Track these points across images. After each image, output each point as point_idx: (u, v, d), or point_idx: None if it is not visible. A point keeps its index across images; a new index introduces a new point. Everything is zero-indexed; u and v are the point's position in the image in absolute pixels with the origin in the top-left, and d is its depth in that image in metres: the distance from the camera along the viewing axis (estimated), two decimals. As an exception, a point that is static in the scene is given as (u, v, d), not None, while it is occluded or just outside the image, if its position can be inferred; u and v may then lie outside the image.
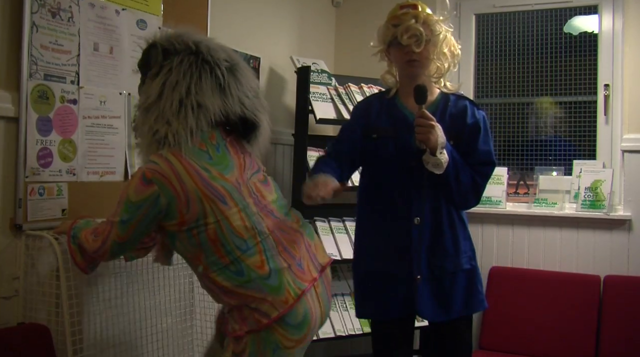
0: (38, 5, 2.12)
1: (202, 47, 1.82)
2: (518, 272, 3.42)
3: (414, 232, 2.15)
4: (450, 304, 2.17)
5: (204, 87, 1.77)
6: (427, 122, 2.04)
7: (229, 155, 1.85)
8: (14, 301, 2.11)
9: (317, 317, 1.84)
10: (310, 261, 1.87)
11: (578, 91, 3.57)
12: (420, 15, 2.14)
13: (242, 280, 1.74)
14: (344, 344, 3.63)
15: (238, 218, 1.77)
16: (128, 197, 1.75)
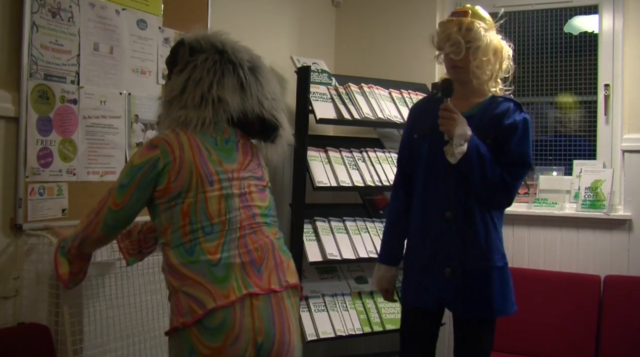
0: (38, 5, 2.12)
1: (227, 47, 1.88)
2: (518, 272, 3.41)
3: (446, 226, 2.21)
4: (484, 302, 2.18)
5: (225, 85, 1.83)
6: (449, 114, 2.13)
7: (235, 152, 1.88)
8: (14, 301, 2.11)
9: (244, 334, 1.69)
10: (274, 274, 1.80)
11: (578, 91, 3.57)
12: (464, 22, 2.20)
13: (190, 259, 1.72)
14: (344, 344, 3.63)
15: (216, 202, 1.78)
16: (131, 162, 1.80)
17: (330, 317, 3.16)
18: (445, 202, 2.21)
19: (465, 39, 2.18)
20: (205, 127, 1.81)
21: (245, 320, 1.70)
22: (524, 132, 2.20)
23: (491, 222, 2.21)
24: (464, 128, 2.12)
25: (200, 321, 1.67)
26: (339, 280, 3.35)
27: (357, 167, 3.32)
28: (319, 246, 3.16)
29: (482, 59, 2.19)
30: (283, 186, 3.50)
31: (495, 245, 2.21)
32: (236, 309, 1.69)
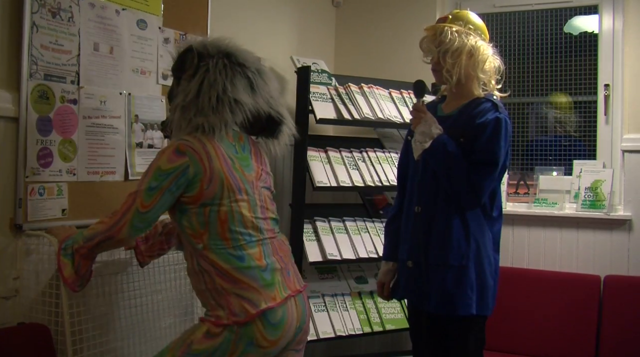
0: (38, 5, 2.12)
1: (234, 51, 1.95)
2: (518, 272, 3.42)
3: (414, 220, 2.29)
4: (429, 295, 2.22)
5: (237, 86, 1.90)
6: (417, 113, 2.26)
7: (251, 160, 2.00)
8: (14, 301, 2.11)
9: (293, 325, 1.90)
10: (295, 277, 2.00)
11: (578, 91, 3.57)
12: (438, 28, 2.29)
13: (242, 265, 1.83)
14: (344, 344, 3.63)
15: (247, 210, 1.89)
16: (159, 166, 1.83)
17: (330, 317, 3.16)
18: (416, 197, 2.29)
19: (437, 43, 2.28)
20: (227, 130, 1.89)
21: (293, 309, 1.91)
22: (495, 131, 2.18)
23: (459, 220, 2.20)
24: (428, 126, 2.21)
25: (264, 316, 1.81)
26: (339, 280, 3.36)
27: (357, 167, 3.32)
28: (319, 246, 3.16)
29: (450, 62, 2.25)
30: (283, 186, 3.50)
31: (455, 244, 2.19)
32: (288, 305, 1.89)
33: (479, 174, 2.18)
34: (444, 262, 2.20)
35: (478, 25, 2.32)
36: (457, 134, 2.21)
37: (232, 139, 1.95)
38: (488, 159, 2.18)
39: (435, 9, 3.74)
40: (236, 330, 1.79)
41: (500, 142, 2.18)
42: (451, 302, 2.19)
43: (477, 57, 2.27)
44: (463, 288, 2.19)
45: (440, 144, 2.19)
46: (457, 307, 2.19)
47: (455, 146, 2.18)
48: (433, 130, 2.20)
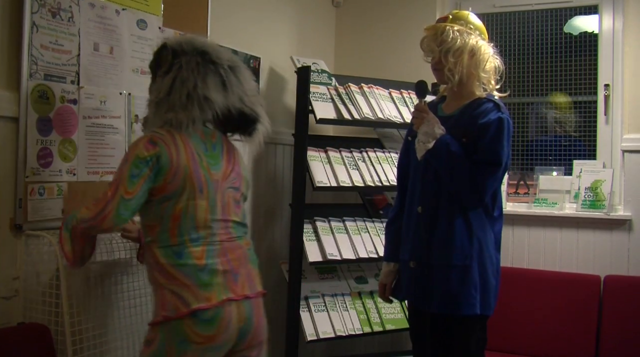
0: (38, 5, 2.12)
1: (208, 49, 1.97)
2: (518, 272, 3.42)
3: (416, 220, 2.28)
4: (432, 296, 2.22)
5: (209, 83, 1.92)
6: (419, 113, 2.26)
7: (222, 159, 2.00)
8: (14, 301, 2.11)
9: (233, 324, 1.88)
10: (247, 282, 1.96)
11: (578, 91, 3.57)
12: (439, 28, 2.29)
13: (179, 262, 1.85)
14: (344, 344, 3.63)
15: (203, 211, 1.90)
16: (137, 155, 1.85)
17: (330, 317, 3.16)
18: (418, 197, 2.29)
19: (439, 43, 2.27)
20: (195, 126, 1.90)
21: (233, 311, 1.88)
22: (497, 131, 2.19)
23: (462, 221, 2.21)
24: (431, 126, 2.21)
25: (194, 314, 1.81)
26: (339, 280, 3.36)
27: (357, 167, 3.32)
28: (319, 246, 3.16)
29: (452, 61, 2.25)
30: (283, 186, 3.50)
31: (457, 243, 2.20)
32: (226, 307, 1.86)
33: (482, 173, 2.18)
34: (447, 262, 2.20)
35: (478, 26, 2.33)
36: (459, 134, 2.22)
37: (203, 136, 1.96)
38: (491, 159, 2.19)
39: (435, 8, 3.74)
40: (166, 329, 1.81)
41: (503, 142, 2.19)
42: (455, 302, 2.19)
43: (478, 57, 2.28)
44: (467, 288, 2.19)
45: (443, 144, 2.19)
46: (461, 307, 2.19)
47: (458, 146, 2.19)
48: (436, 131, 2.21)
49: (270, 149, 3.42)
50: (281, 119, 3.51)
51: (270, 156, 3.43)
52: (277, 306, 3.43)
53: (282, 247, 3.49)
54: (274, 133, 3.41)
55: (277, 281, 3.42)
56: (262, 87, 3.36)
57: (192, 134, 1.92)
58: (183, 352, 1.81)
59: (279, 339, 3.38)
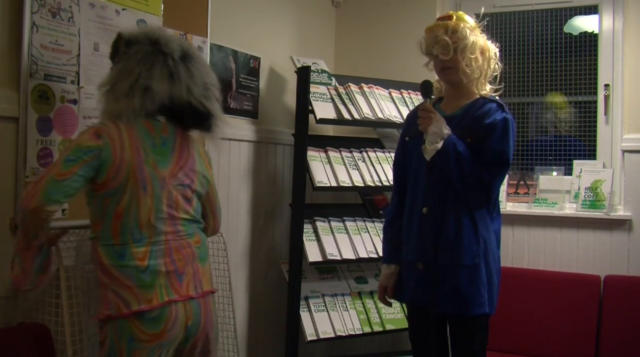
0: (38, 5, 2.12)
1: (160, 39, 1.94)
2: (518, 272, 3.42)
3: (423, 221, 2.26)
4: (442, 297, 2.21)
5: (154, 74, 1.89)
6: (426, 114, 2.23)
7: (171, 155, 1.96)
8: (14, 301, 2.11)
9: (179, 322, 1.89)
10: (192, 282, 1.95)
11: (578, 91, 3.57)
12: (450, 25, 2.27)
13: (121, 263, 1.83)
14: (344, 344, 3.63)
15: (147, 210, 1.87)
16: (79, 143, 1.82)
17: (330, 317, 3.16)
18: (423, 198, 2.27)
19: (452, 39, 2.25)
20: (137, 117, 1.87)
21: (180, 309, 1.89)
22: (503, 131, 2.21)
23: (468, 220, 2.22)
24: (439, 126, 2.19)
25: (139, 314, 1.82)
26: (339, 280, 3.36)
27: (357, 167, 3.32)
28: (319, 246, 3.16)
29: (470, 57, 2.25)
30: (283, 186, 3.50)
31: (466, 243, 2.20)
32: (171, 308, 1.87)
33: (490, 173, 2.20)
34: (456, 262, 2.20)
35: (476, 26, 2.35)
36: (463, 135, 2.22)
37: (152, 131, 1.93)
38: (499, 159, 2.21)
39: (435, 8, 3.74)
40: (113, 328, 1.83)
41: (509, 141, 2.22)
42: (465, 302, 2.20)
43: (488, 55, 2.30)
44: (476, 287, 2.21)
45: (451, 144, 2.19)
46: (472, 306, 2.20)
47: (464, 146, 2.20)
48: (444, 131, 2.20)
49: (270, 149, 3.43)
50: (281, 119, 3.51)
51: (270, 156, 3.43)
52: (277, 306, 3.43)
53: (282, 247, 3.49)
54: (273, 133, 3.42)
55: (277, 281, 3.42)
56: (262, 87, 3.36)
57: (140, 128, 1.89)
58: (133, 350, 1.82)
59: (279, 339, 3.39)
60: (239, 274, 3.20)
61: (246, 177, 3.25)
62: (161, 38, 1.94)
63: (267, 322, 3.42)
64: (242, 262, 3.24)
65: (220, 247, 2.80)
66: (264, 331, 3.40)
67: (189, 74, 1.94)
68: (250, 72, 3.25)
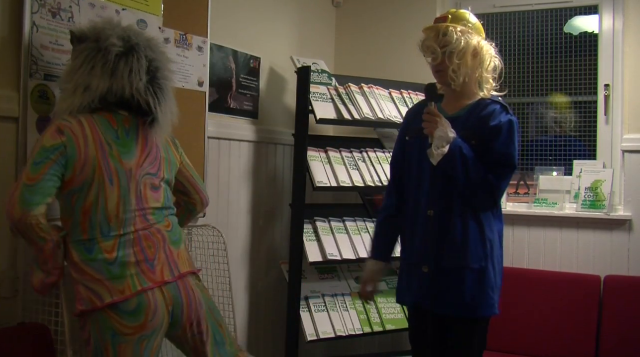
0: (38, 5, 2.12)
1: (100, 35, 1.93)
2: (518, 272, 3.42)
3: (426, 224, 2.25)
4: (451, 300, 2.21)
5: (95, 72, 1.90)
6: (431, 117, 2.20)
7: (135, 145, 1.96)
8: (14, 301, 2.11)
9: (160, 309, 1.88)
10: (166, 266, 1.94)
11: (578, 91, 3.57)
12: (441, 28, 2.26)
13: (88, 257, 1.85)
14: (344, 344, 3.63)
15: (115, 203, 1.88)
16: (43, 144, 1.84)
17: (330, 317, 3.16)
18: (428, 201, 2.25)
19: (441, 44, 2.24)
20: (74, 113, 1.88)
21: (157, 296, 1.88)
22: (509, 133, 2.21)
23: (474, 223, 2.21)
24: (445, 130, 2.16)
25: (115, 306, 1.82)
26: (339, 280, 3.36)
27: (357, 167, 3.32)
28: (319, 246, 3.16)
29: (456, 63, 2.23)
30: (283, 185, 3.50)
31: (473, 246, 2.20)
32: (148, 295, 1.86)
33: (497, 176, 2.19)
34: (464, 265, 2.19)
35: (477, 25, 2.33)
36: (468, 137, 2.21)
37: (114, 123, 1.94)
38: (505, 162, 2.21)
39: (435, 9, 3.74)
40: (92, 322, 1.84)
41: (514, 143, 2.23)
42: (474, 304, 2.20)
43: (481, 57, 2.28)
44: (484, 289, 2.21)
45: (456, 148, 2.17)
46: (481, 308, 2.21)
47: (469, 149, 2.19)
48: (449, 134, 2.18)
49: (270, 149, 3.43)
50: (281, 119, 3.51)
51: (270, 156, 3.43)
52: (277, 306, 3.43)
53: (282, 247, 3.49)
54: (273, 133, 3.42)
55: (277, 281, 3.43)
56: (262, 87, 3.36)
57: (101, 121, 1.91)
58: (117, 345, 1.83)
59: (279, 339, 3.39)
60: (239, 274, 3.20)
61: (246, 177, 3.25)
62: (102, 34, 1.93)
63: (267, 322, 3.42)
64: (242, 262, 3.24)
65: (220, 247, 2.80)
66: (264, 331, 3.40)
67: (128, 68, 1.92)
68: (250, 72, 3.25)
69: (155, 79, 1.97)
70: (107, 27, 1.96)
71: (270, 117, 3.43)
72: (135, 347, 1.85)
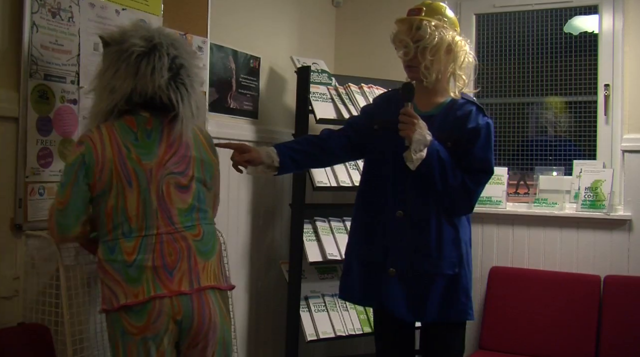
0: (38, 5, 2.12)
1: (123, 38, 1.93)
2: (518, 272, 3.42)
3: (395, 225, 2.17)
4: (421, 307, 2.15)
5: (119, 74, 1.91)
6: (409, 119, 2.10)
7: (157, 146, 1.95)
8: (14, 301, 2.11)
9: (165, 314, 1.86)
10: (186, 277, 1.91)
11: (578, 91, 3.57)
12: (414, 22, 2.16)
13: (110, 257, 1.89)
14: (344, 344, 3.63)
15: (134, 204, 1.90)
16: (67, 162, 1.92)
17: (330, 317, 3.16)
18: (398, 201, 2.17)
19: (414, 38, 2.15)
20: (105, 117, 1.91)
21: (164, 302, 1.87)
22: (487, 137, 2.16)
23: (449, 226, 2.16)
24: (423, 133, 2.08)
25: (127, 306, 1.85)
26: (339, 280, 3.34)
27: (357, 167, 3.32)
28: (319, 246, 3.16)
29: (429, 59, 2.15)
30: (283, 186, 3.50)
31: (447, 251, 2.15)
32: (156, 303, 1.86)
33: (474, 181, 2.15)
34: (437, 271, 2.14)
35: (452, 19, 2.24)
36: (443, 138, 2.14)
37: (134, 126, 1.94)
38: (483, 167, 2.16)
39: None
40: (110, 322, 1.91)
41: (492, 148, 2.19)
42: (447, 311, 2.15)
43: (455, 53, 2.19)
44: (457, 296, 2.16)
45: (434, 151, 2.10)
46: (454, 315, 2.16)
47: (446, 153, 2.13)
48: (427, 137, 2.10)
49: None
50: (281, 119, 3.51)
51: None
52: (277, 306, 3.43)
53: (282, 247, 3.49)
54: (273, 133, 3.42)
55: (277, 281, 3.42)
56: (262, 87, 3.36)
57: (119, 126, 1.92)
58: (126, 343, 1.87)
59: (279, 339, 3.39)
60: (239, 274, 3.20)
61: (246, 177, 3.25)
62: (127, 34, 1.94)
63: (267, 322, 3.42)
64: (242, 262, 3.24)
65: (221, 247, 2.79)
66: (264, 331, 3.40)
67: (150, 67, 1.91)
68: (250, 72, 3.25)
69: (178, 76, 1.95)
70: (132, 29, 1.97)
71: (270, 117, 3.43)
72: (140, 349, 1.86)
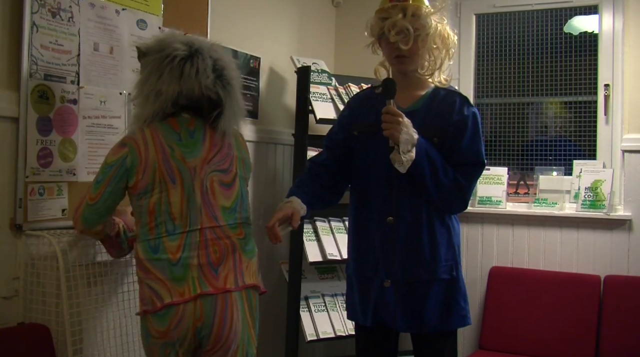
0: (38, 5, 2.12)
1: (164, 44, 1.97)
2: (518, 272, 3.42)
3: (387, 232, 2.02)
4: (422, 316, 2.02)
5: (164, 78, 1.94)
6: (393, 118, 1.92)
7: (201, 145, 1.97)
8: (14, 301, 2.11)
9: (185, 321, 1.86)
10: (232, 274, 1.94)
11: (578, 91, 3.57)
12: (409, 8, 1.99)
13: (154, 256, 1.89)
14: (344, 344, 3.63)
15: (178, 201, 1.91)
16: (105, 160, 1.95)
17: (330, 317, 3.16)
18: (387, 206, 2.01)
19: (413, 26, 1.98)
20: (151, 121, 1.93)
21: (187, 308, 1.87)
22: (475, 128, 2.01)
23: (441, 229, 2.03)
24: (409, 132, 1.91)
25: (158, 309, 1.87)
26: (339, 280, 3.35)
27: (357, 167, 3.32)
28: (319, 246, 3.16)
29: (432, 47, 2.01)
30: (283, 186, 3.50)
31: (441, 255, 2.02)
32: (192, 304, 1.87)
33: (466, 177, 2.01)
34: (433, 277, 2.02)
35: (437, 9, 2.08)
36: (428, 133, 1.98)
37: (177, 127, 1.97)
38: (474, 160, 2.03)
39: (435, 8, 3.74)
40: (142, 323, 1.93)
41: (481, 139, 2.05)
42: (447, 318, 2.04)
43: (448, 42, 2.07)
44: (457, 301, 2.06)
45: (423, 150, 1.94)
46: (454, 321, 2.06)
47: (434, 150, 1.98)
48: (414, 136, 1.93)
49: (270, 149, 3.43)
50: (281, 119, 3.51)
51: (270, 156, 3.43)
52: (277, 306, 3.43)
53: (282, 247, 3.49)
54: (273, 133, 3.42)
55: (277, 281, 3.42)
56: (262, 87, 3.36)
57: (162, 127, 1.94)
58: (149, 345, 1.91)
59: (279, 339, 3.39)
60: (239, 274, 3.20)
61: (246, 177, 3.25)
62: (165, 42, 1.97)
63: (267, 322, 3.42)
64: (242, 262, 3.24)
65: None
66: (264, 331, 3.40)
67: (194, 69, 1.95)
68: (250, 72, 3.25)
69: (223, 76, 1.99)
70: (169, 36, 2.01)
71: (270, 117, 3.43)
72: (161, 353, 1.89)
